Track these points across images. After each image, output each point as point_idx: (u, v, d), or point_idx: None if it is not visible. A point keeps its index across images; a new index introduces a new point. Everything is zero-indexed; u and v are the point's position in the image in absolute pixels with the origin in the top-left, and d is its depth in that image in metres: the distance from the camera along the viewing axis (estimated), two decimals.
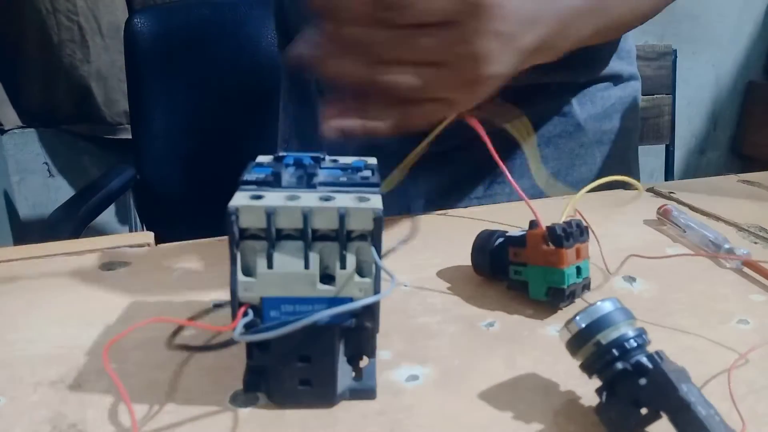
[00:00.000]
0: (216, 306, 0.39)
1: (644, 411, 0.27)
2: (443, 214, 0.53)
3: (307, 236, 0.27)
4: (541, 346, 0.36)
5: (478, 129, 0.40)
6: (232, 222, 0.27)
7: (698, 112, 2.26)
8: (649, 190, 0.62)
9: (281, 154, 0.32)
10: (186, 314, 0.38)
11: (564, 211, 0.47)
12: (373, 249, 0.27)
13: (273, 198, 0.27)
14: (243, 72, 1.18)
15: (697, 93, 2.22)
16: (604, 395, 0.29)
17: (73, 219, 0.99)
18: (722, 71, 2.24)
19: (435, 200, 0.63)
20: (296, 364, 0.29)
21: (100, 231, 1.58)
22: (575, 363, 0.30)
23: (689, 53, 2.08)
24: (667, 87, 1.42)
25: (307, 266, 0.27)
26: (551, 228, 0.37)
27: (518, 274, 0.39)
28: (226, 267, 0.27)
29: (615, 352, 0.28)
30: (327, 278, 0.28)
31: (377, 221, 0.27)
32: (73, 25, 1.42)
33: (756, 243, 0.49)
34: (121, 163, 1.20)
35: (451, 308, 0.39)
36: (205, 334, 0.35)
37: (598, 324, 0.29)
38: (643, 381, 0.27)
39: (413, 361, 0.34)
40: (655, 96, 1.41)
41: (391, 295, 0.27)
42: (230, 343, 0.28)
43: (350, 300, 0.28)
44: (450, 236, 0.50)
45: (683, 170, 2.27)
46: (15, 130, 1.54)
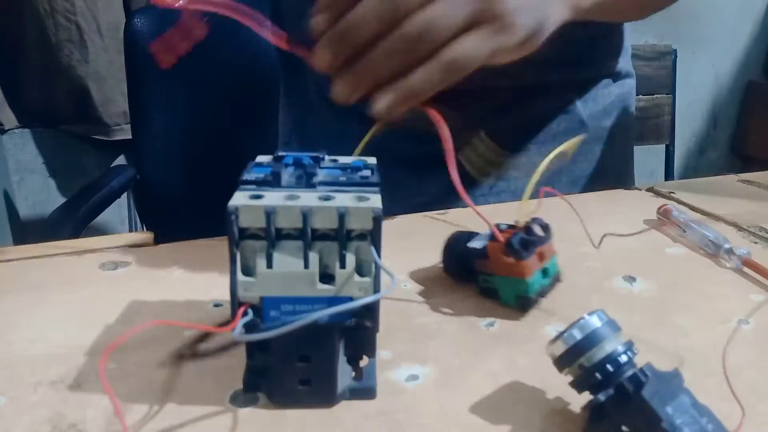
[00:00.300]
0: (216, 306, 0.39)
1: None
2: (444, 213, 0.53)
3: (307, 236, 0.27)
4: (541, 346, 0.35)
5: (438, 121, 0.36)
6: (232, 222, 0.27)
7: (698, 112, 2.26)
8: (649, 190, 0.62)
9: (281, 154, 0.32)
10: (186, 314, 0.38)
11: (521, 211, 0.46)
12: (373, 248, 0.27)
13: (272, 198, 0.27)
14: (243, 72, 1.17)
15: (697, 93, 2.22)
16: (591, 417, 0.28)
17: (73, 219, 0.98)
18: (722, 71, 2.24)
19: (439, 199, 0.63)
20: (296, 364, 0.29)
21: (100, 231, 1.58)
22: None
23: (689, 53, 2.08)
24: (667, 87, 1.42)
25: (307, 266, 0.27)
26: (509, 242, 0.37)
27: (487, 282, 0.40)
28: (226, 267, 0.27)
29: (598, 376, 0.27)
30: (327, 278, 0.28)
31: (377, 220, 0.27)
32: (72, 26, 1.42)
33: (756, 243, 0.49)
34: (121, 163, 1.20)
35: (451, 308, 0.39)
36: (205, 334, 0.35)
37: (582, 344, 0.28)
38: (626, 407, 0.26)
39: (413, 361, 0.34)
40: (655, 96, 1.41)
41: (391, 295, 0.27)
42: (231, 347, 0.28)
43: (350, 299, 0.28)
44: None
45: (683, 170, 2.27)
46: (15, 130, 1.54)
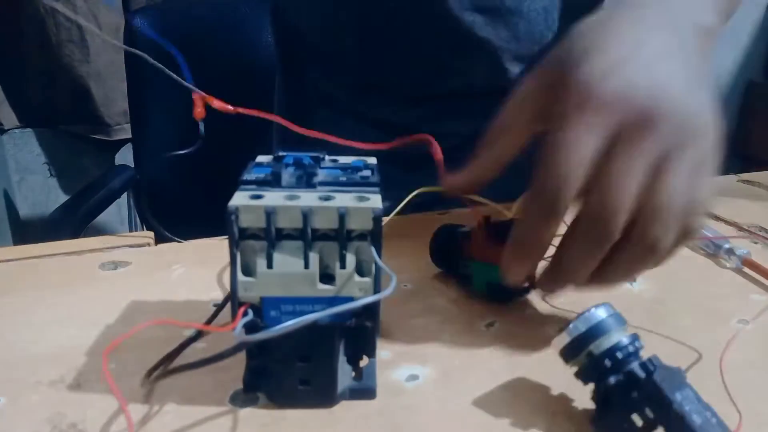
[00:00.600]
0: (216, 306, 0.39)
1: (640, 422, 0.27)
2: (444, 213, 0.53)
3: (307, 236, 0.27)
4: (541, 346, 0.36)
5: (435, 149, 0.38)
6: (232, 222, 0.27)
7: None
8: None
9: (281, 154, 0.32)
10: (186, 314, 0.38)
11: (515, 208, 0.46)
12: (373, 248, 0.27)
13: (273, 198, 0.27)
14: (243, 72, 1.17)
15: None
16: (599, 406, 0.28)
17: (73, 219, 0.98)
18: (722, 71, 2.24)
19: (438, 199, 0.63)
20: (296, 364, 0.29)
21: (100, 231, 1.58)
22: None
23: None
24: None
25: (307, 266, 0.27)
26: (489, 224, 0.37)
27: (465, 268, 0.40)
28: (226, 267, 0.27)
29: (607, 363, 0.28)
30: (327, 278, 0.28)
31: (377, 221, 0.27)
32: (72, 26, 1.42)
33: (756, 243, 0.49)
34: (121, 163, 1.20)
35: (451, 308, 0.39)
36: (207, 335, 0.35)
37: (590, 333, 0.28)
38: (636, 394, 0.27)
39: (413, 361, 0.34)
40: None
41: (391, 295, 0.27)
42: (234, 351, 0.28)
43: (350, 299, 0.28)
44: None
45: None
46: (15, 130, 1.54)
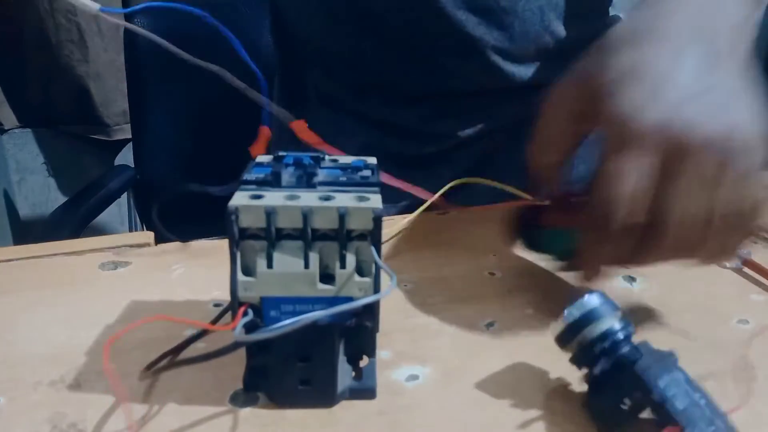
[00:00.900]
0: (216, 306, 0.39)
1: (629, 404, 0.28)
2: (444, 213, 0.53)
3: (307, 236, 0.27)
4: (541, 346, 0.36)
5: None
6: (232, 222, 0.27)
7: None
8: None
9: (281, 154, 0.32)
10: (186, 314, 0.38)
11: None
12: (373, 248, 0.27)
13: (273, 197, 0.27)
14: (243, 72, 1.18)
15: None
16: (591, 389, 0.30)
17: (73, 219, 0.98)
18: None
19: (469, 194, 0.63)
20: (296, 364, 0.29)
21: (100, 231, 1.58)
22: None
23: None
24: None
25: (307, 266, 0.27)
26: (564, 197, 0.39)
27: (541, 237, 0.41)
28: (226, 267, 0.27)
29: (598, 348, 0.29)
30: (327, 278, 0.28)
31: (377, 221, 0.27)
32: (72, 26, 1.42)
33: (756, 243, 0.49)
34: (121, 163, 1.20)
35: (451, 308, 0.39)
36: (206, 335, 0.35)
37: (584, 319, 0.30)
38: (622, 379, 0.28)
39: (413, 361, 0.34)
40: None
41: (391, 295, 0.27)
42: (233, 348, 0.28)
43: (350, 299, 0.28)
44: (450, 236, 0.49)
45: None
46: (15, 130, 1.54)
